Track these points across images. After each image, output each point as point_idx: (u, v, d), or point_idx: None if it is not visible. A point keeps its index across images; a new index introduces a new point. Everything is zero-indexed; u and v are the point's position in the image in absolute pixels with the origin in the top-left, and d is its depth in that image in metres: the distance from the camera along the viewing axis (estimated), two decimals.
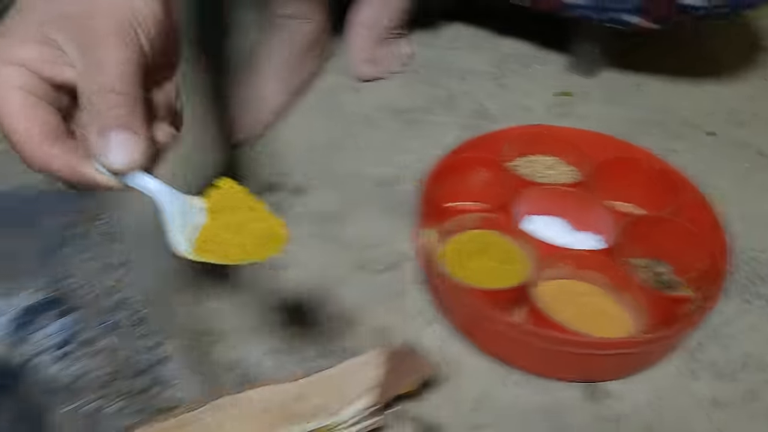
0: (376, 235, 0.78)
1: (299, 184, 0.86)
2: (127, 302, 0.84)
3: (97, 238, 0.89)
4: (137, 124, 0.38)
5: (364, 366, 0.59)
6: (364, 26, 1.05)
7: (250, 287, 0.74)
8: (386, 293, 0.72)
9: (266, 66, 0.95)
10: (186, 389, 0.84)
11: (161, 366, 0.90)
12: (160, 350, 0.90)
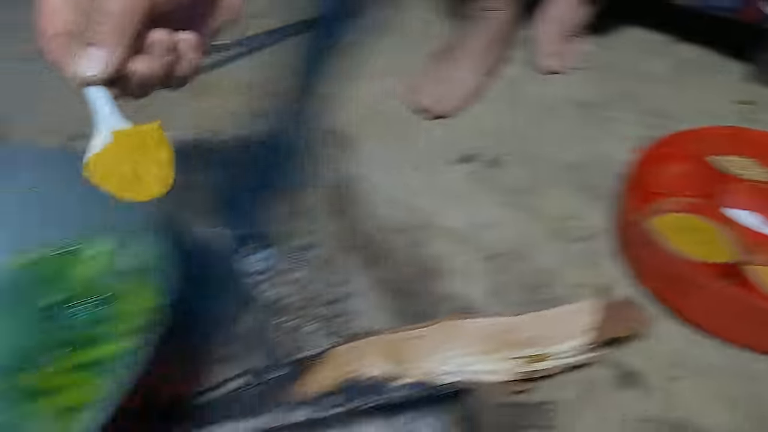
0: (568, 209, 0.85)
1: (492, 158, 0.95)
2: (315, 245, 0.99)
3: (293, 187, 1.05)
4: (116, 43, 0.42)
5: (577, 312, 0.66)
6: (553, 22, 1.13)
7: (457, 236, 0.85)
8: (580, 261, 0.79)
9: (464, 50, 1.06)
10: (376, 321, 0.99)
11: (349, 299, 1.05)
12: (348, 286, 1.05)
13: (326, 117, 1.13)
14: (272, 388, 0.71)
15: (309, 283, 0.96)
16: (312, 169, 1.11)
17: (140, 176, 0.45)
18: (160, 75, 0.46)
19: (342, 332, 0.94)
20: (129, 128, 0.45)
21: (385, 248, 0.91)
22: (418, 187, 0.92)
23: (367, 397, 0.66)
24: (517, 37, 1.15)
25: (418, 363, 0.68)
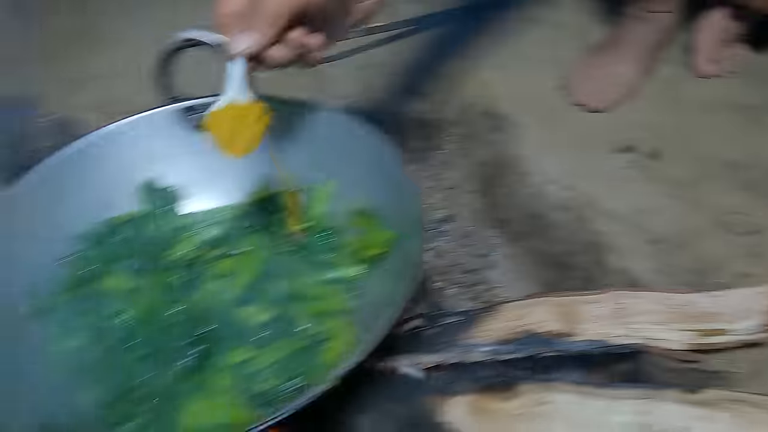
0: (733, 204, 0.88)
1: (652, 150, 0.99)
2: (454, 218, 1.07)
3: (437, 164, 1.14)
4: (265, 32, 0.55)
5: (755, 294, 0.71)
6: (714, 28, 1.14)
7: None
8: (748, 252, 0.82)
9: (625, 48, 1.10)
10: (521, 291, 1.07)
11: (489, 270, 1.13)
12: (488, 258, 1.13)
13: (482, 99, 1.22)
14: (447, 331, 0.80)
15: (450, 251, 1.06)
16: (463, 144, 1.22)
17: (234, 138, 0.59)
18: (288, 61, 0.61)
19: (482, 299, 1.04)
20: (240, 101, 0.59)
21: (544, 223, 0.99)
22: (578, 170, 0.98)
23: (547, 347, 0.73)
24: (675, 39, 1.18)
25: (589, 325, 0.75)
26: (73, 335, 0.62)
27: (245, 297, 0.66)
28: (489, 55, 1.34)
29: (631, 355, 0.76)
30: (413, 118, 1.30)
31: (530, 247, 1.07)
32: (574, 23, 1.41)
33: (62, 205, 0.70)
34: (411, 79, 1.34)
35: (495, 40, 1.40)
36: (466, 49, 1.37)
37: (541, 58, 1.29)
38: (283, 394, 0.57)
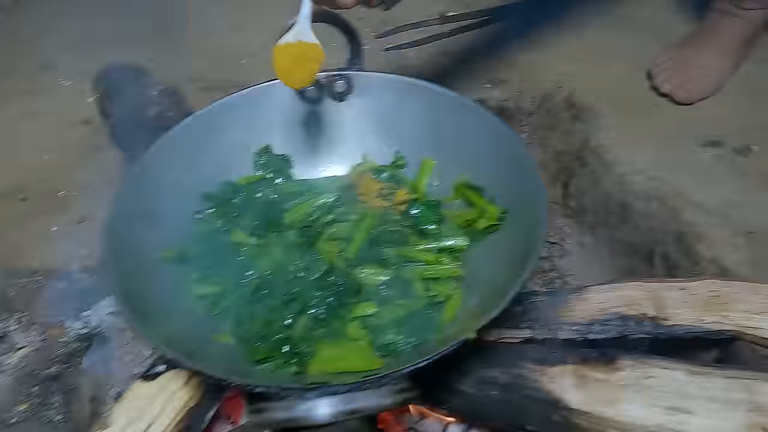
0: None
1: (740, 146, 1.00)
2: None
3: None
4: None
5: None
6: None
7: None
8: None
9: (715, 43, 1.10)
10: (586, 279, 1.09)
11: (561, 258, 1.16)
12: (560, 247, 1.16)
13: (561, 89, 1.24)
14: (531, 310, 0.83)
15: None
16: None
17: (292, 72, 0.65)
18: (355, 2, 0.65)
19: (553, 285, 1.07)
20: (302, 40, 0.64)
21: (627, 212, 1.01)
22: (665, 161, 0.99)
23: (639, 329, 0.75)
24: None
25: (681, 310, 0.77)
26: (211, 282, 0.68)
27: (360, 259, 0.70)
28: (568, 45, 1.35)
29: (723, 342, 0.78)
30: (490, 107, 1.32)
31: (609, 236, 1.09)
32: (655, 15, 1.42)
33: (192, 167, 0.75)
34: (487, 68, 1.36)
35: (574, 31, 1.41)
36: (545, 40, 1.39)
37: (623, 49, 1.31)
38: (403, 348, 0.61)
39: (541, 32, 1.43)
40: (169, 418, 0.66)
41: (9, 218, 1.00)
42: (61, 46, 1.46)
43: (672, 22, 1.31)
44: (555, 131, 1.21)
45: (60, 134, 1.17)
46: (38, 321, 0.90)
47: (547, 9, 1.49)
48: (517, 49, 1.41)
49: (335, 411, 0.45)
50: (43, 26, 1.52)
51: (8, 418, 0.74)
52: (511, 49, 1.42)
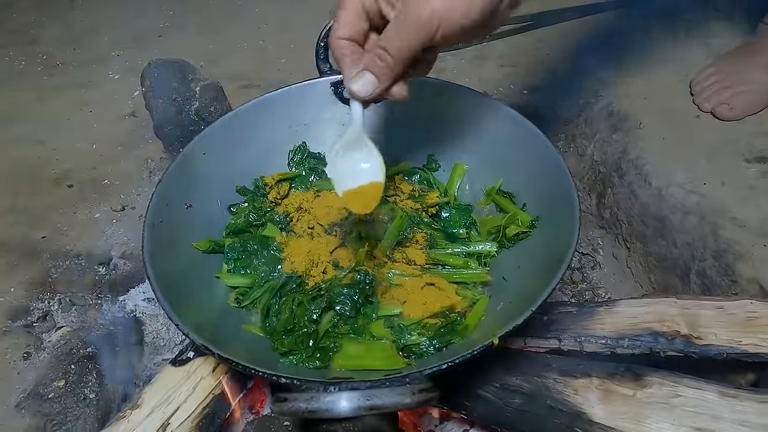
0: None
1: None
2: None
3: None
4: (385, 79, 0.53)
5: None
6: None
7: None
8: None
9: (765, 57, 1.06)
10: (617, 292, 1.07)
11: (592, 269, 1.14)
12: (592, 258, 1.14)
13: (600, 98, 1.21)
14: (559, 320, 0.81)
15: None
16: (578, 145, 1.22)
17: (363, 205, 0.62)
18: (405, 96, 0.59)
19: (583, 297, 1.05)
20: (361, 184, 0.62)
21: (664, 226, 0.98)
22: (706, 176, 0.95)
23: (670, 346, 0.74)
24: None
25: (716, 330, 0.74)
26: (242, 274, 0.70)
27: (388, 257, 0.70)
28: (609, 54, 1.33)
29: (759, 365, 0.75)
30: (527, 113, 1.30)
31: (644, 250, 1.06)
32: (699, 26, 1.38)
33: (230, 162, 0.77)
34: (526, 74, 1.35)
35: (615, 40, 1.39)
36: (586, 47, 1.37)
37: (665, 59, 1.28)
38: (426, 350, 0.61)
39: (583, 39, 1.42)
40: (195, 404, 0.68)
41: (56, 204, 1.05)
42: (112, 42, 1.52)
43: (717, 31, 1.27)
44: (592, 140, 1.19)
45: (107, 125, 1.22)
46: (78, 302, 0.94)
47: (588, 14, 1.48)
48: (557, 55, 1.40)
49: (356, 406, 0.46)
50: (97, 22, 1.60)
51: (47, 393, 0.78)
52: (552, 55, 1.41)
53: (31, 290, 0.91)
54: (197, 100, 0.97)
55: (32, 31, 1.58)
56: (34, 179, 1.10)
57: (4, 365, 0.81)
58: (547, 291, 0.54)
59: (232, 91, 1.22)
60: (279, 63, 1.37)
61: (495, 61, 1.33)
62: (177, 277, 0.64)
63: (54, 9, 1.67)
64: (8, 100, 1.31)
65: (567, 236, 0.60)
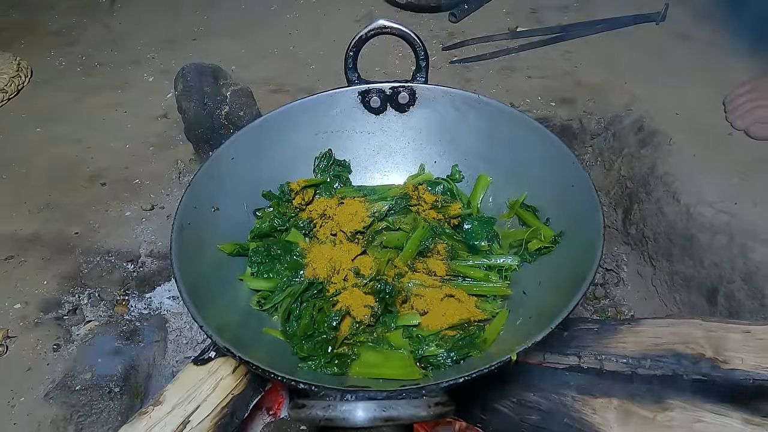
0: None
1: None
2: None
3: None
4: None
5: None
6: None
7: None
8: None
9: None
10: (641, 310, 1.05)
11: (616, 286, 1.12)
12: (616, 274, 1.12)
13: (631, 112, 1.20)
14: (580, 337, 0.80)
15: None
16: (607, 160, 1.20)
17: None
18: None
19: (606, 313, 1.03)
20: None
21: (692, 245, 0.96)
22: (737, 195, 0.93)
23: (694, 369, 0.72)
24: None
25: (742, 354, 0.72)
26: (265, 277, 0.71)
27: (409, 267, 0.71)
28: (639, 68, 1.32)
29: None
30: (554, 125, 1.30)
31: (670, 268, 1.04)
32: (732, 43, 1.36)
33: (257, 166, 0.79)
34: (554, 86, 1.34)
35: (647, 53, 1.38)
36: (618, 59, 1.35)
37: (697, 75, 1.26)
38: (444, 362, 0.61)
39: (613, 52, 1.40)
40: (215, 403, 0.70)
41: (90, 201, 1.08)
42: (148, 44, 1.57)
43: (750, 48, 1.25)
44: (620, 155, 1.17)
45: (141, 126, 1.26)
46: (106, 298, 0.97)
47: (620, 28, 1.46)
48: (586, 67, 1.39)
49: (372, 416, 0.46)
50: (134, 25, 1.65)
51: (74, 385, 0.81)
52: (581, 67, 1.40)
53: (62, 284, 0.94)
54: (228, 105, 1.00)
55: (73, 32, 1.64)
56: (71, 177, 1.14)
57: (36, 355, 0.84)
58: (568, 309, 0.54)
59: (262, 95, 1.24)
60: (308, 69, 1.39)
61: (523, 72, 1.33)
62: (202, 279, 0.65)
63: (95, 11, 1.73)
64: (49, 100, 1.36)
65: (590, 254, 0.59)
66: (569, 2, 1.58)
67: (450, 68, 1.37)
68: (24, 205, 1.07)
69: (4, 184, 1.12)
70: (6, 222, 1.03)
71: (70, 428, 0.76)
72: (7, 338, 0.85)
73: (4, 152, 1.19)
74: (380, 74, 1.32)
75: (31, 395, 0.78)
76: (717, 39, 1.37)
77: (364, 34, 0.79)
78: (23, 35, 1.59)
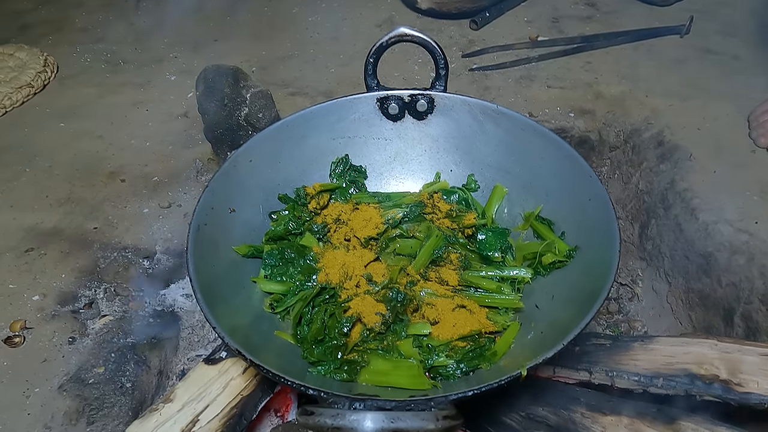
0: None
1: None
2: None
3: None
4: None
5: None
6: None
7: None
8: None
9: None
10: (655, 327, 1.03)
11: (630, 301, 1.11)
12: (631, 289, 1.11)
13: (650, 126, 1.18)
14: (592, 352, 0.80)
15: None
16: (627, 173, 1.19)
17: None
18: None
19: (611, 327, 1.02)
20: None
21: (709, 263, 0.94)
22: (759, 215, 0.92)
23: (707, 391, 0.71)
24: None
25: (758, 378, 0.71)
26: (278, 280, 0.72)
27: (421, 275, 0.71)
28: (661, 82, 1.31)
29: None
30: (572, 136, 1.29)
31: (686, 286, 1.03)
32: (757, 58, 1.35)
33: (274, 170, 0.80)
34: (574, 97, 1.33)
35: (668, 67, 1.37)
36: (640, 72, 1.33)
37: (719, 90, 1.25)
38: (453, 373, 0.61)
39: (635, 64, 1.39)
40: (224, 403, 0.70)
41: (109, 197, 1.10)
42: (171, 43, 1.59)
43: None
44: (639, 169, 1.16)
45: (162, 125, 1.27)
46: (122, 293, 0.98)
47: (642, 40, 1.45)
48: (607, 79, 1.38)
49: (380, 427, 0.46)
50: (158, 23, 1.67)
51: (87, 378, 0.82)
52: (601, 78, 1.38)
53: (80, 278, 0.96)
54: (247, 107, 1.01)
55: (98, 29, 1.67)
56: (92, 172, 1.16)
57: (51, 347, 0.86)
58: (581, 326, 0.53)
59: (281, 97, 1.25)
60: (327, 72, 1.40)
61: (542, 81, 1.32)
62: (216, 279, 0.66)
63: (121, 9, 1.76)
64: (74, 95, 1.39)
65: (605, 271, 0.59)
66: (592, 12, 1.57)
67: (469, 75, 1.37)
68: (46, 198, 1.09)
69: (28, 177, 1.14)
70: (28, 214, 1.06)
71: (81, 421, 0.77)
72: (25, 329, 0.86)
73: (28, 146, 1.22)
74: (399, 80, 1.33)
75: (45, 386, 0.80)
76: (742, 54, 1.35)
77: (385, 42, 0.80)
78: (51, 31, 1.62)
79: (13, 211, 1.07)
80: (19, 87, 1.32)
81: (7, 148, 1.23)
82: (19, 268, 0.96)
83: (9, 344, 0.84)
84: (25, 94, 1.34)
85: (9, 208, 1.08)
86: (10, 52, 1.41)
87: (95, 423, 0.78)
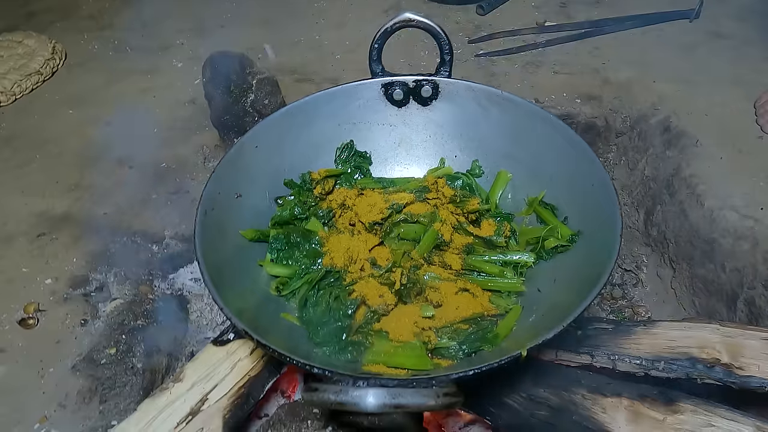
0: None
1: None
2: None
3: None
4: None
5: None
6: None
7: None
8: None
9: None
10: (658, 312, 1.04)
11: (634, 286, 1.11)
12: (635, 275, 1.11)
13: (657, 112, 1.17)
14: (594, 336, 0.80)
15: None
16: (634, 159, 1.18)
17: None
18: None
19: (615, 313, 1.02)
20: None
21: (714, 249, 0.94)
22: (764, 201, 0.92)
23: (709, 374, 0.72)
24: None
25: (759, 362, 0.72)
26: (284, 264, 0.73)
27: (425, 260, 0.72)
28: (669, 67, 1.30)
29: None
30: (578, 122, 1.28)
31: (690, 272, 1.03)
32: (763, 42, 1.33)
33: (280, 155, 0.81)
34: (580, 82, 1.32)
35: (676, 53, 1.35)
36: (647, 57, 1.32)
37: (728, 76, 1.24)
38: (455, 354, 0.62)
39: (643, 49, 1.37)
40: (232, 383, 0.72)
41: (117, 183, 1.12)
42: (177, 30, 1.59)
43: None
44: (645, 155, 1.15)
45: (169, 111, 1.28)
46: (132, 277, 1.00)
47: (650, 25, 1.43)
48: (614, 64, 1.36)
49: (382, 403, 0.47)
50: (165, 10, 1.67)
51: (99, 359, 0.84)
52: (608, 64, 1.37)
53: (91, 262, 0.98)
54: (253, 93, 1.02)
55: (106, 16, 1.67)
56: (100, 158, 1.18)
57: (64, 329, 0.88)
58: (580, 308, 0.54)
59: (287, 84, 1.26)
60: (333, 59, 1.40)
61: (549, 67, 1.31)
62: (224, 263, 0.67)
63: None
64: (83, 83, 1.40)
65: (607, 255, 0.59)
66: None
67: (475, 61, 1.36)
68: (56, 184, 1.11)
69: (39, 163, 1.16)
70: (39, 200, 1.07)
71: (95, 399, 0.80)
72: (38, 311, 0.89)
73: (38, 133, 1.24)
74: (405, 66, 1.32)
75: (59, 367, 0.82)
76: (752, 39, 1.33)
77: (390, 27, 0.80)
78: (59, 18, 1.63)
79: (24, 196, 1.09)
80: (28, 74, 1.33)
81: (18, 134, 1.25)
82: (32, 253, 0.99)
83: (23, 326, 0.87)
84: (34, 82, 1.35)
85: (21, 194, 1.10)
86: (18, 40, 1.43)
87: (108, 401, 0.80)
